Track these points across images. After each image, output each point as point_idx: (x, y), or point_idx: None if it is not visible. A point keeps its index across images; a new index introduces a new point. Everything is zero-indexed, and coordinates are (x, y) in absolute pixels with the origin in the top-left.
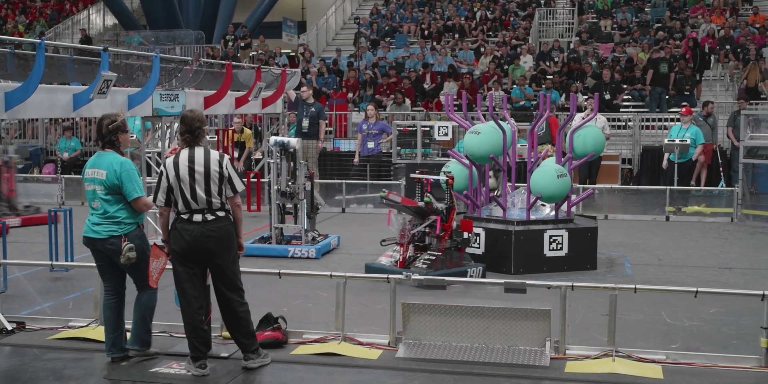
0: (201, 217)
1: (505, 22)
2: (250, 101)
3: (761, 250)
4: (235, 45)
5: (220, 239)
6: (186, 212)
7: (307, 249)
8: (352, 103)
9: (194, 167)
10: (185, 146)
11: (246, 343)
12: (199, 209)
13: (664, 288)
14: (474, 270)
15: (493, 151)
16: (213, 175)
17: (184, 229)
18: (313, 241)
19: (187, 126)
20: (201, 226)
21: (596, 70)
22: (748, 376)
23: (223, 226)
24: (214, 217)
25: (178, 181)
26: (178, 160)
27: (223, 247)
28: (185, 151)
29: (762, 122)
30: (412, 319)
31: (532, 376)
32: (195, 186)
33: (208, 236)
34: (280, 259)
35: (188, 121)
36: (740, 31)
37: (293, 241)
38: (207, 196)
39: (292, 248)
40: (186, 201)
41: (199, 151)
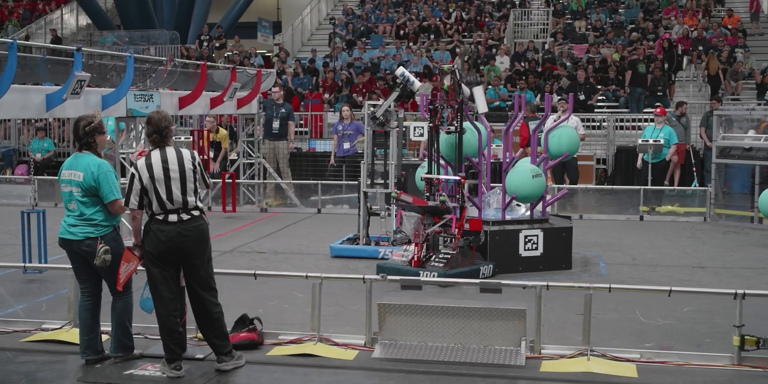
0: (176, 217)
1: (480, 23)
2: (225, 102)
3: (734, 249)
4: (210, 45)
5: (196, 239)
6: (161, 213)
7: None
8: (327, 104)
9: (169, 167)
10: (154, 147)
11: (219, 345)
12: (174, 209)
13: (639, 287)
14: (486, 268)
15: (468, 152)
16: (188, 173)
17: (160, 230)
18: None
19: (154, 127)
20: (177, 226)
21: (571, 70)
22: (721, 374)
23: (199, 226)
24: (190, 217)
25: (153, 182)
26: (150, 162)
27: (199, 246)
28: (156, 152)
29: (734, 122)
30: (388, 319)
31: (507, 376)
32: (171, 186)
33: (184, 236)
34: (366, 260)
35: (155, 122)
36: (712, 32)
37: (381, 242)
38: (183, 195)
39: (383, 250)
40: (161, 202)
41: (171, 151)
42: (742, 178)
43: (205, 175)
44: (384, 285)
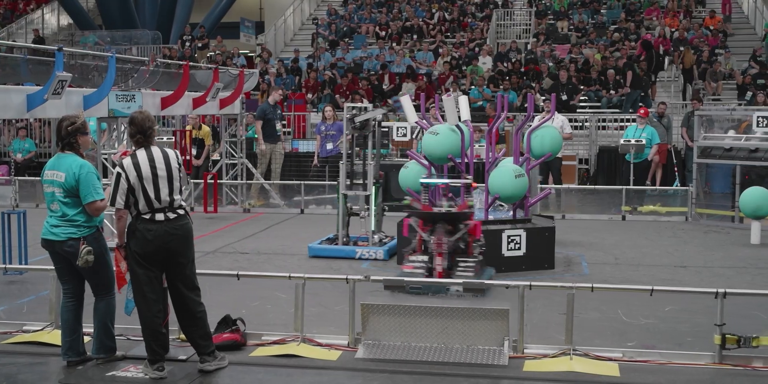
0: (163, 215)
1: (463, 24)
2: (207, 102)
3: (715, 248)
4: (193, 45)
5: (182, 237)
6: (147, 212)
7: (375, 250)
8: (310, 104)
9: (156, 165)
10: (139, 147)
11: (203, 345)
12: (161, 208)
13: (621, 287)
14: (491, 271)
15: (451, 152)
16: (175, 172)
17: (147, 230)
18: (380, 243)
19: (138, 127)
20: (164, 224)
21: (553, 71)
22: (702, 372)
23: (185, 224)
24: (176, 215)
25: (141, 181)
26: (137, 161)
27: (185, 245)
28: (142, 152)
29: (715, 123)
30: (372, 319)
31: (490, 376)
32: (159, 185)
33: (171, 234)
34: (349, 261)
35: (139, 122)
36: (694, 33)
37: (360, 242)
38: (171, 194)
39: (360, 250)
40: (149, 200)
41: (156, 151)
42: (723, 178)
43: (183, 175)
44: (367, 285)
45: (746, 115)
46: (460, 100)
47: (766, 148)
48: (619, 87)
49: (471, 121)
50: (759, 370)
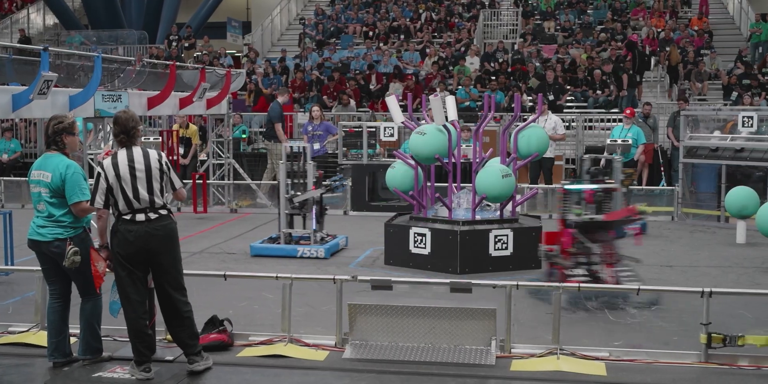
0: (144, 216)
1: (450, 24)
2: (194, 102)
3: (700, 248)
4: (179, 45)
5: (164, 237)
6: (128, 212)
7: (316, 249)
8: (297, 104)
9: (135, 166)
10: (121, 147)
11: (190, 345)
12: (141, 208)
13: (607, 286)
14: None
15: (438, 152)
16: (154, 172)
17: (128, 230)
18: (321, 242)
19: (121, 127)
20: (144, 225)
21: (539, 71)
22: (688, 371)
23: (167, 225)
24: (157, 216)
25: (119, 180)
26: (117, 161)
27: (168, 245)
28: (123, 152)
29: (701, 123)
30: (359, 319)
31: (478, 375)
32: (137, 185)
33: (152, 235)
34: (289, 259)
35: (122, 121)
36: (680, 33)
37: (302, 241)
38: (150, 194)
39: (302, 248)
40: (128, 200)
41: (137, 151)
42: (709, 178)
43: (175, 178)
44: (354, 285)
45: (732, 115)
46: (447, 101)
47: (751, 148)
48: (605, 87)
49: (458, 121)
50: (744, 368)
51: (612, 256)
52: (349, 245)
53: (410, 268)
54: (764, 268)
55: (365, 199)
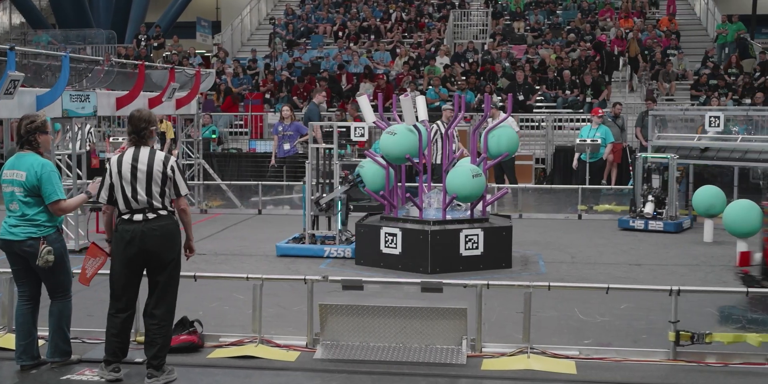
0: (141, 216)
1: (420, 24)
2: (163, 102)
3: (668, 246)
4: (148, 45)
5: (161, 237)
6: (126, 212)
7: (343, 248)
8: (267, 104)
9: (137, 166)
10: (131, 146)
11: (156, 355)
12: (140, 209)
13: (577, 285)
14: None
15: (409, 152)
16: (156, 175)
17: (125, 231)
18: (347, 241)
19: (133, 126)
20: (142, 225)
21: (509, 71)
22: (657, 369)
23: (165, 225)
24: (156, 215)
25: (120, 179)
26: (122, 159)
27: (166, 246)
28: (130, 150)
29: (668, 122)
30: (330, 320)
31: (449, 375)
32: (137, 185)
33: (149, 235)
34: (317, 259)
35: (134, 121)
36: (648, 34)
37: (327, 241)
38: (148, 196)
39: (328, 248)
40: (126, 200)
41: (145, 151)
42: None
43: (181, 184)
44: (325, 285)
45: (699, 115)
46: (417, 101)
47: (717, 148)
48: (574, 87)
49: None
50: (712, 365)
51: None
52: None
53: (381, 268)
54: (731, 266)
55: None
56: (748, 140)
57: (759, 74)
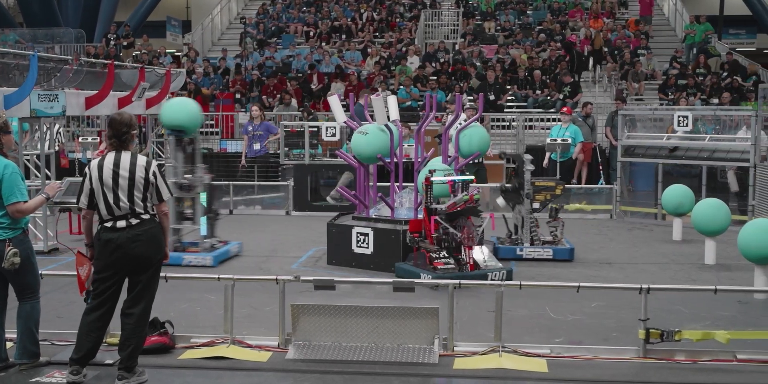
0: (125, 222)
1: (392, 24)
2: (133, 102)
3: (638, 245)
4: (118, 44)
5: (147, 242)
6: (109, 219)
7: (203, 257)
8: (238, 104)
9: (119, 172)
10: (111, 150)
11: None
12: (122, 215)
13: (548, 284)
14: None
15: (380, 151)
16: (138, 181)
17: (109, 240)
18: (211, 248)
19: (114, 130)
20: (126, 231)
21: (480, 71)
22: (627, 366)
23: (149, 229)
24: (139, 221)
25: (101, 184)
26: (102, 163)
27: (151, 249)
28: (111, 155)
29: (638, 122)
30: (302, 320)
31: (421, 374)
32: (118, 191)
33: (134, 241)
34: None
35: (115, 125)
36: (617, 34)
37: (190, 248)
38: (130, 203)
39: (188, 256)
40: (109, 206)
41: (126, 156)
42: (646, 176)
43: (163, 189)
44: (297, 286)
45: (668, 115)
46: (389, 100)
47: (686, 147)
48: (545, 87)
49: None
50: (681, 362)
51: (471, 239)
52: (290, 245)
53: (353, 268)
54: (700, 264)
55: (307, 199)
56: (716, 140)
57: (726, 74)
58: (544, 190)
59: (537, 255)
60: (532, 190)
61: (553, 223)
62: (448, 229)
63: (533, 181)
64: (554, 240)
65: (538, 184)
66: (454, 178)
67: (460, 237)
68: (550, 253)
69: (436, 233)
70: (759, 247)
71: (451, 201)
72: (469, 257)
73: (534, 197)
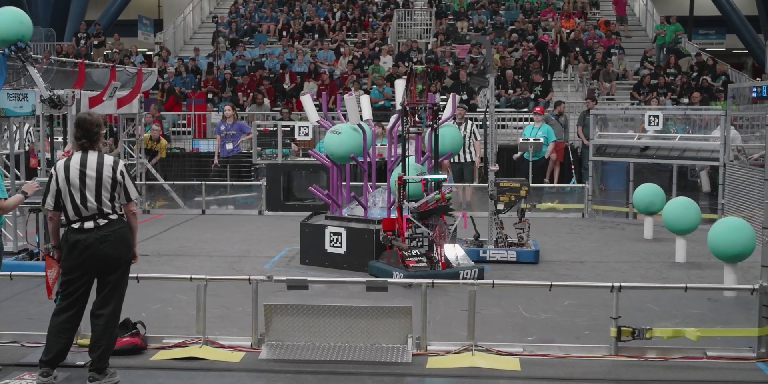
0: (93, 223)
1: (365, 23)
2: (104, 101)
3: (610, 243)
4: (88, 43)
5: (116, 243)
6: (76, 220)
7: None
8: (210, 104)
9: (86, 172)
10: (78, 150)
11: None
12: (90, 215)
13: (521, 283)
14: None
15: (353, 151)
16: (105, 180)
17: (77, 241)
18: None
19: (84, 131)
20: (95, 232)
21: (453, 70)
22: (599, 364)
23: (118, 229)
24: (107, 221)
25: (68, 185)
26: (69, 164)
27: (120, 250)
28: (78, 155)
29: (609, 121)
30: (275, 320)
31: (394, 373)
32: (86, 192)
33: (103, 242)
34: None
35: (86, 125)
36: (588, 34)
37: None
38: (98, 203)
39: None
40: (76, 207)
41: (93, 156)
42: (618, 176)
43: (131, 189)
44: (270, 285)
45: (639, 114)
46: (362, 100)
47: (657, 146)
48: (517, 86)
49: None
50: (652, 360)
51: (443, 238)
52: (263, 245)
53: (326, 268)
54: (670, 262)
55: (280, 199)
56: (687, 139)
57: (696, 74)
58: (508, 191)
59: (500, 257)
60: (496, 192)
61: (519, 225)
62: (420, 228)
63: (497, 181)
64: (520, 242)
65: (502, 186)
66: (427, 177)
67: (432, 235)
68: (515, 256)
69: (408, 232)
70: (728, 246)
71: (422, 200)
72: (441, 256)
73: (498, 198)
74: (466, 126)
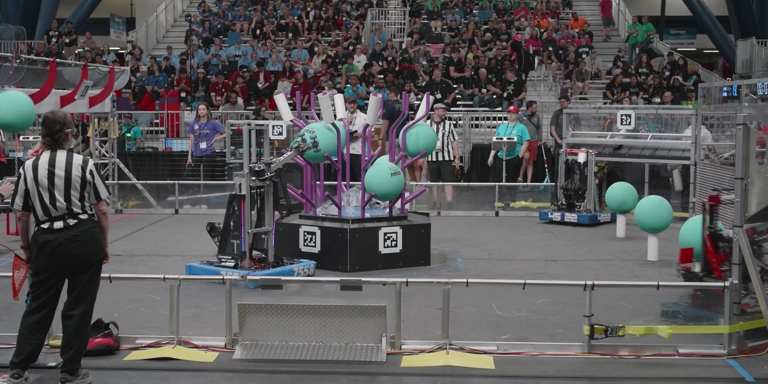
0: (62, 223)
1: (338, 22)
2: (76, 100)
3: (582, 242)
4: (60, 41)
5: (86, 243)
6: (46, 220)
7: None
8: (184, 103)
9: (54, 171)
10: (46, 149)
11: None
12: (60, 215)
13: (494, 281)
14: None
15: (327, 150)
16: (74, 180)
17: (47, 242)
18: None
19: (47, 129)
20: (64, 232)
21: (426, 69)
22: (572, 362)
23: (88, 229)
24: (77, 221)
25: (36, 185)
26: (37, 163)
27: (91, 250)
28: (46, 154)
29: (582, 121)
30: (249, 319)
31: (368, 372)
32: (54, 191)
33: (73, 242)
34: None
35: (48, 123)
36: (561, 33)
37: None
38: (67, 202)
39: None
40: (45, 207)
41: (61, 155)
42: None
43: (101, 188)
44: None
45: (611, 114)
46: (336, 99)
47: (629, 145)
48: (490, 84)
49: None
50: (625, 357)
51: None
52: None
53: None
54: (643, 260)
55: None
56: (658, 138)
57: (669, 74)
58: None
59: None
60: None
61: None
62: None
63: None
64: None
65: None
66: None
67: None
68: None
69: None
70: (699, 244)
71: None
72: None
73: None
74: (444, 125)
